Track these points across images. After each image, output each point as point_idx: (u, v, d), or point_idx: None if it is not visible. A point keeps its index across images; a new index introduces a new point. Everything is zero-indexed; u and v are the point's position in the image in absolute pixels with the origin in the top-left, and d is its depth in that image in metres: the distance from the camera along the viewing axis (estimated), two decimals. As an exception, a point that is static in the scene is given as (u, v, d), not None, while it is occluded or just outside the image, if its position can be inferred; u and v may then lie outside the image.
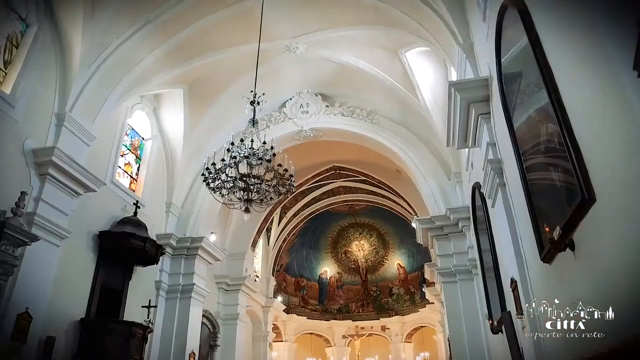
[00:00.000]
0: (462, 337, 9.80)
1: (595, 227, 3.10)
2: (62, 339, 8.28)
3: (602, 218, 2.97)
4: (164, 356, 11.00)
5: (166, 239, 11.57)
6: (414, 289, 21.56)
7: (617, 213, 2.75)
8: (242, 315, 15.85)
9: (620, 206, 2.69)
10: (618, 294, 2.85)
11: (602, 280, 3.11)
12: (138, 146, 11.95)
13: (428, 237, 11.77)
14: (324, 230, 22.78)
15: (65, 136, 8.50)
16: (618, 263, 2.82)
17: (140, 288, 10.70)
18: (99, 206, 9.71)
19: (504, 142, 5.48)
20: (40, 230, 7.65)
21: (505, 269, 6.30)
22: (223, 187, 8.16)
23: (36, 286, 7.58)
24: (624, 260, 2.73)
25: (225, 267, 15.76)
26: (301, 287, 22.32)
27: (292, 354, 20.98)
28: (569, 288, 3.85)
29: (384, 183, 16.42)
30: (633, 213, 2.52)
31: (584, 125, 3.03)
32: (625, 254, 2.69)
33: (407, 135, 12.17)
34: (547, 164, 3.87)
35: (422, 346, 21.25)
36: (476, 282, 9.74)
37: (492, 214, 6.86)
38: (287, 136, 12.71)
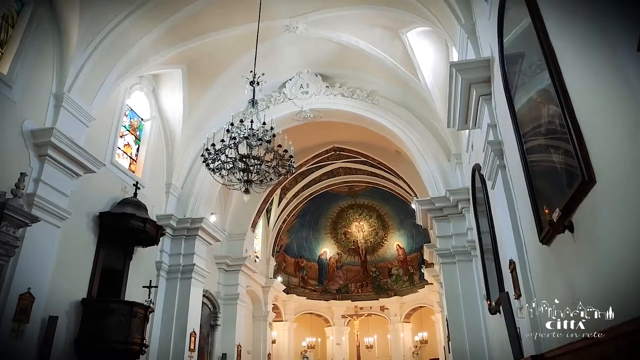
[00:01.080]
0: (460, 317, 9.89)
1: (595, 209, 3.10)
2: (64, 319, 8.35)
3: (602, 200, 2.97)
4: (165, 335, 11.12)
5: (166, 220, 11.60)
6: (413, 270, 21.71)
7: (617, 195, 2.74)
8: (242, 296, 15.98)
9: (620, 189, 2.68)
10: (616, 276, 2.86)
11: (600, 262, 3.12)
12: (137, 127, 11.90)
13: (427, 218, 11.80)
14: (323, 211, 22.84)
15: (63, 117, 8.45)
16: (617, 245, 2.82)
17: (140, 268, 10.76)
18: (99, 187, 9.71)
19: (504, 123, 5.45)
20: (40, 211, 7.66)
21: (504, 251, 6.33)
22: (223, 167, 8.16)
23: (37, 267, 7.63)
24: (623, 242, 2.73)
25: (225, 248, 15.85)
26: (301, 268, 22.47)
27: (291, 334, 21.22)
28: (567, 270, 3.87)
29: (384, 164, 16.41)
30: (633, 196, 2.52)
31: (586, 107, 3.01)
32: (625, 236, 2.69)
33: (407, 116, 12.12)
34: (547, 146, 3.86)
35: (420, 326, 21.47)
36: (475, 263, 9.80)
37: (492, 195, 6.86)
38: (287, 117, 12.66)
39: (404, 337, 21.32)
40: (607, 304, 3.03)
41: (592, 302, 3.36)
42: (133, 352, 9.22)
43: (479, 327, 9.53)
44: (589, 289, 3.42)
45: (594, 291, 3.30)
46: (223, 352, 14.68)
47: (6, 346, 6.88)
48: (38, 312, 7.55)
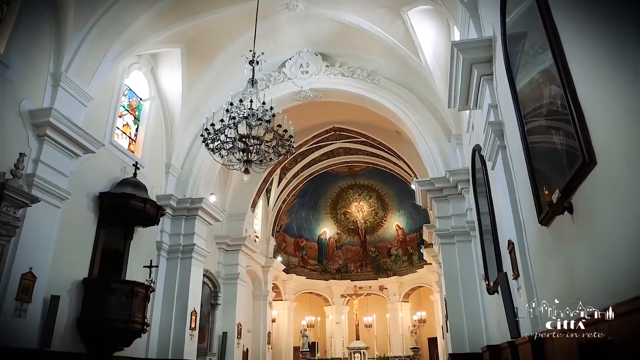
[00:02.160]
0: (459, 297, 9.97)
1: (595, 191, 3.10)
2: (66, 298, 8.43)
3: (602, 182, 2.97)
4: (166, 314, 11.23)
5: (166, 200, 11.62)
6: (412, 250, 21.83)
7: (617, 177, 2.74)
8: (242, 275, 16.10)
9: (621, 171, 2.68)
10: (616, 257, 2.87)
11: (600, 244, 3.13)
12: (136, 107, 11.84)
13: (427, 199, 11.81)
14: (323, 191, 22.87)
15: (61, 97, 8.39)
16: (616, 226, 2.83)
17: (141, 248, 10.82)
18: (98, 167, 9.70)
19: (505, 104, 5.42)
20: (40, 192, 7.67)
21: (503, 231, 6.35)
22: (222, 148, 8.14)
23: (38, 247, 7.66)
24: (622, 224, 2.74)
25: (225, 228, 15.91)
26: (300, 248, 22.59)
27: (291, 313, 21.43)
28: (566, 251, 3.88)
29: (384, 144, 16.37)
30: (633, 178, 2.51)
31: (588, 88, 2.99)
32: (624, 218, 2.70)
33: (407, 96, 12.04)
34: (548, 127, 3.84)
35: (419, 306, 21.68)
36: (474, 243, 9.84)
37: (492, 176, 6.86)
38: (286, 96, 12.58)
39: (403, 317, 21.54)
40: (605, 285, 3.06)
41: (591, 283, 3.39)
42: (135, 330, 9.32)
43: (476, 307, 9.62)
44: (587, 270, 3.44)
45: (593, 272, 3.32)
46: (224, 330, 14.85)
47: (10, 325, 6.97)
48: (40, 292, 7.62)
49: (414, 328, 20.14)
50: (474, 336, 9.44)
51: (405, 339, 20.11)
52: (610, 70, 2.66)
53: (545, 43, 3.49)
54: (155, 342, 10.92)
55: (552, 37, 3.36)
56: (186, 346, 11.11)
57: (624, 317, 2.73)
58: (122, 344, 9.39)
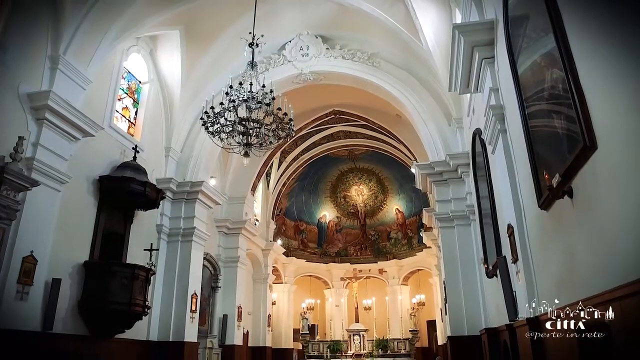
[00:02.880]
0: (458, 280, 10.03)
1: (595, 175, 3.09)
2: (67, 281, 8.48)
3: (602, 167, 2.97)
4: (167, 297, 11.31)
5: (166, 184, 11.61)
6: (412, 234, 21.89)
7: (618, 162, 2.73)
8: (242, 258, 16.18)
9: (621, 155, 2.67)
10: (615, 241, 2.88)
11: (599, 228, 3.14)
12: (135, 90, 11.77)
13: (427, 182, 11.82)
14: (323, 175, 22.85)
15: (60, 80, 8.33)
16: (616, 211, 2.83)
17: (141, 232, 10.84)
18: (98, 151, 9.67)
19: (507, 87, 5.39)
20: (40, 175, 7.66)
21: (503, 215, 6.37)
22: (222, 131, 8.12)
23: (39, 230, 7.68)
24: (622, 208, 2.74)
25: (225, 211, 15.94)
26: (300, 231, 22.66)
27: (291, 296, 21.57)
28: (565, 235, 3.89)
29: (384, 128, 16.32)
30: (634, 162, 2.51)
31: (590, 72, 2.97)
32: (624, 202, 2.70)
33: (408, 79, 11.96)
34: (549, 111, 3.82)
35: (418, 289, 21.81)
36: (473, 227, 9.87)
37: (492, 160, 6.86)
38: (286, 79, 12.49)
39: (402, 300, 21.68)
40: (604, 268, 3.07)
41: (590, 267, 3.41)
42: (136, 313, 9.39)
43: (475, 290, 9.69)
44: (586, 254, 3.46)
45: (592, 256, 3.33)
46: (224, 313, 14.97)
47: (12, 307, 7.03)
48: (41, 275, 7.67)
49: (413, 311, 20.28)
50: (473, 319, 9.52)
51: (404, 321, 20.26)
52: (613, 54, 2.64)
53: (547, 26, 3.46)
54: (157, 324, 11.02)
55: (554, 20, 3.33)
56: (187, 328, 11.20)
57: (622, 300, 2.75)
58: (124, 326, 9.47)
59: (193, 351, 11.52)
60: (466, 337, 9.46)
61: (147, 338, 10.67)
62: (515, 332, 5.78)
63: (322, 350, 18.63)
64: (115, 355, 9.51)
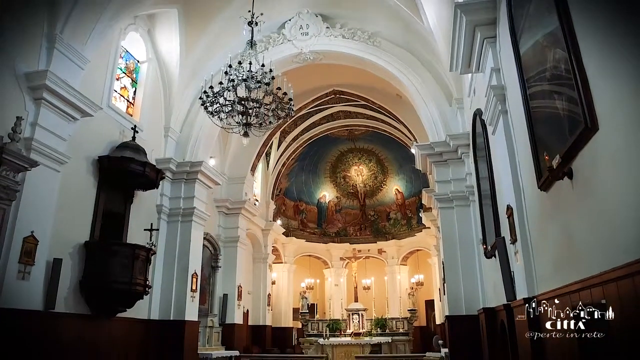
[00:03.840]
0: (456, 260, 10.08)
1: (596, 156, 3.09)
2: (68, 261, 8.52)
3: (603, 148, 2.96)
4: (167, 277, 11.39)
5: (165, 164, 11.60)
6: (411, 214, 21.95)
7: (619, 144, 2.73)
8: (242, 238, 16.26)
9: (622, 137, 2.66)
10: (614, 223, 2.89)
11: (598, 209, 3.14)
12: (133, 69, 11.67)
13: (427, 163, 11.81)
14: (323, 155, 22.80)
15: (57, 59, 8.22)
16: (616, 193, 2.83)
17: (141, 212, 10.87)
18: (97, 131, 9.63)
19: (508, 67, 5.35)
20: (38, 156, 7.63)
21: (502, 196, 6.37)
22: (221, 110, 8.09)
23: (39, 211, 7.69)
24: (621, 191, 2.74)
25: (225, 191, 15.97)
26: (300, 211, 22.71)
27: (291, 275, 21.72)
28: (564, 216, 3.90)
29: (384, 108, 16.23)
30: (635, 145, 2.50)
31: (593, 52, 2.94)
32: (624, 185, 2.70)
33: (409, 59, 11.86)
34: (551, 92, 3.80)
35: (416, 269, 21.95)
36: (472, 208, 9.89)
37: (492, 141, 6.84)
38: (286, 59, 12.37)
39: (401, 279, 21.85)
40: (602, 250, 3.09)
41: (588, 248, 3.42)
42: (137, 292, 9.46)
43: (474, 271, 9.75)
44: (585, 235, 3.47)
45: (591, 237, 3.34)
46: (224, 292, 15.10)
47: (15, 287, 7.08)
48: (42, 255, 7.70)
49: (412, 290, 20.42)
50: (471, 299, 9.60)
51: (403, 301, 20.43)
52: (617, 34, 2.61)
53: (551, 5, 3.41)
54: (157, 303, 11.12)
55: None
56: (187, 307, 11.31)
57: (620, 281, 2.77)
58: (125, 305, 9.56)
59: (194, 330, 11.66)
60: (464, 316, 9.56)
61: (148, 317, 10.79)
62: (512, 311, 5.83)
63: (322, 329, 18.82)
64: (117, 334, 9.63)
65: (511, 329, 5.87)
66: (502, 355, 6.74)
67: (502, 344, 6.78)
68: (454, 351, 9.53)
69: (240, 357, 14.22)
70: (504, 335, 6.52)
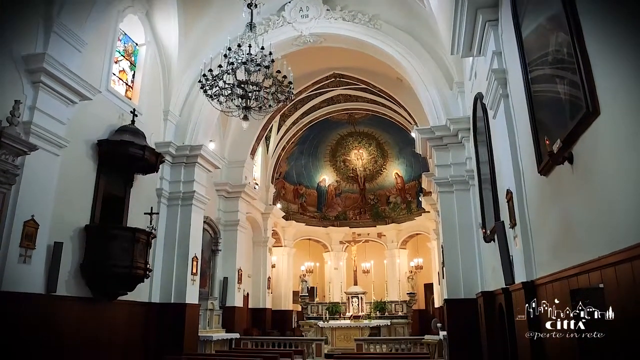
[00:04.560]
0: (455, 244, 10.11)
1: (596, 141, 3.08)
2: (68, 245, 8.55)
3: (604, 133, 2.95)
4: (168, 260, 11.44)
5: (165, 147, 11.57)
6: (411, 198, 21.97)
7: (620, 129, 2.71)
8: (242, 222, 16.30)
9: (624, 122, 2.65)
10: (614, 207, 2.89)
11: (598, 194, 3.14)
12: (132, 52, 11.57)
13: (427, 147, 11.78)
14: (323, 139, 22.75)
15: (55, 42, 8.14)
16: (616, 178, 2.83)
17: (141, 196, 10.87)
18: (96, 115, 9.59)
19: (510, 51, 5.31)
20: (38, 140, 7.61)
21: (502, 180, 6.37)
22: (221, 94, 8.05)
23: (39, 195, 7.69)
24: (622, 176, 2.73)
25: (224, 175, 15.97)
26: (300, 195, 22.73)
27: (291, 259, 21.83)
28: (563, 200, 3.91)
29: (385, 91, 16.15)
30: (636, 130, 2.49)
31: (597, 36, 2.91)
32: (624, 170, 2.69)
33: (410, 42, 11.74)
34: (553, 76, 3.77)
35: (416, 253, 22.04)
36: (472, 192, 9.89)
37: (493, 125, 6.82)
38: (286, 42, 12.26)
39: (400, 263, 21.96)
40: (601, 234, 3.09)
41: (587, 233, 3.43)
42: (137, 275, 9.51)
43: (473, 255, 9.79)
44: (584, 220, 3.47)
45: (590, 222, 3.35)
46: (224, 275, 15.19)
47: (16, 270, 7.12)
48: (43, 239, 7.73)
49: (411, 274, 20.55)
50: (469, 283, 9.66)
51: (402, 284, 20.56)
52: (620, 18, 2.58)
53: (554, -13, 3.37)
54: (158, 286, 11.19)
55: (561, -20, 3.24)
56: (188, 290, 11.38)
57: (617, 266, 2.78)
58: (126, 288, 9.62)
59: (194, 312, 11.75)
60: (462, 300, 9.62)
61: (149, 300, 10.87)
62: (511, 295, 5.87)
63: (321, 312, 18.97)
64: (119, 317, 9.71)
65: (509, 313, 5.91)
66: (500, 338, 6.81)
67: (500, 327, 6.84)
68: (452, 334, 9.62)
69: (241, 339, 14.35)
70: (502, 318, 6.58)
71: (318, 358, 13.34)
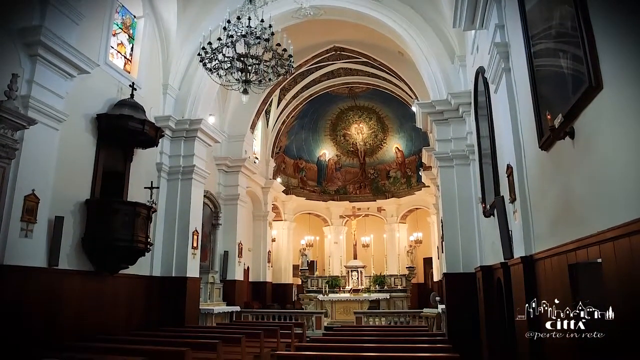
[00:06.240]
0: (455, 219, 10.15)
1: (598, 116, 3.06)
2: (69, 219, 8.59)
3: (606, 108, 2.93)
4: (168, 234, 11.50)
5: (165, 121, 11.51)
6: (411, 173, 21.98)
7: (622, 104, 2.69)
8: (242, 196, 16.35)
9: (627, 97, 2.63)
10: (613, 183, 2.89)
11: (598, 169, 3.14)
12: (130, 25, 11.41)
13: (428, 121, 11.73)
14: (323, 113, 22.64)
15: (52, 15, 8.00)
16: (617, 153, 2.82)
17: (141, 170, 10.86)
18: (95, 88, 9.51)
19: (513, 24, 5.24)
20: (36, 114, 7.56)
21: (503, 155, 6.37)
22: (220, 67, 7.98)
23: (39, 169, 7.68)
24: (623, 151, 2.73)
25: (224, 149, 15.94)
26: (300, 169, 22.74)
27: (291, 233, 21.98)
28: (564, 176, 3.91)
29: (386, 65, 16.00)
30: (638, 105, 2.47)
31: (601, 10, 2.86)
32: (626, 145, 2.68)
33: (411, 14, 11.56)
34: (556, 50, 3.73)
35: (415, 227, 22.18)
36: (472, 167, 9.89)
37: (494, 99, 6.77)
38: (285, 14, 12.07)
39: (400, 237, 22.11)
40: (601, 209, 3.10)
41: (587, 208, 3.44)
42: (138, 249, 9.58)
43: (472, 229, 9.83)
44: (584, 194, 3.48)
45: (589, 197, 3.35)
46: (225, 249, 15.31)
47: (18, 244, 7.15)
48: (44, 213, 7.74)
49: (410, 248, 20.73)
50: (468, 257, 9.72)
51: (402, 258, 20.75)
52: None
53: (559, -41, 3.31)
54: (159, 260, 11.28)
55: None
56: (189, 264, 11.48)
57: (615, 241, 2.80)
58: (127, 262, 9.69)
59: (195, 286, 11.87)
60: (461, 274, 9.71)
61: (150, 274, 10.96)
62: (509, 269, 5.93)
63: (321, 285, 19.20)
64: (120, 290, 9.82)
65: (507, 286, 5.98)
66: (498, 311, 6.90)
67: (498, 301, 6.92)
68: (450, 307, 9.74)
69: (241, 312, 14.55)
70: (500, 292, 6.66)
71: (318, 331, 13.54)
